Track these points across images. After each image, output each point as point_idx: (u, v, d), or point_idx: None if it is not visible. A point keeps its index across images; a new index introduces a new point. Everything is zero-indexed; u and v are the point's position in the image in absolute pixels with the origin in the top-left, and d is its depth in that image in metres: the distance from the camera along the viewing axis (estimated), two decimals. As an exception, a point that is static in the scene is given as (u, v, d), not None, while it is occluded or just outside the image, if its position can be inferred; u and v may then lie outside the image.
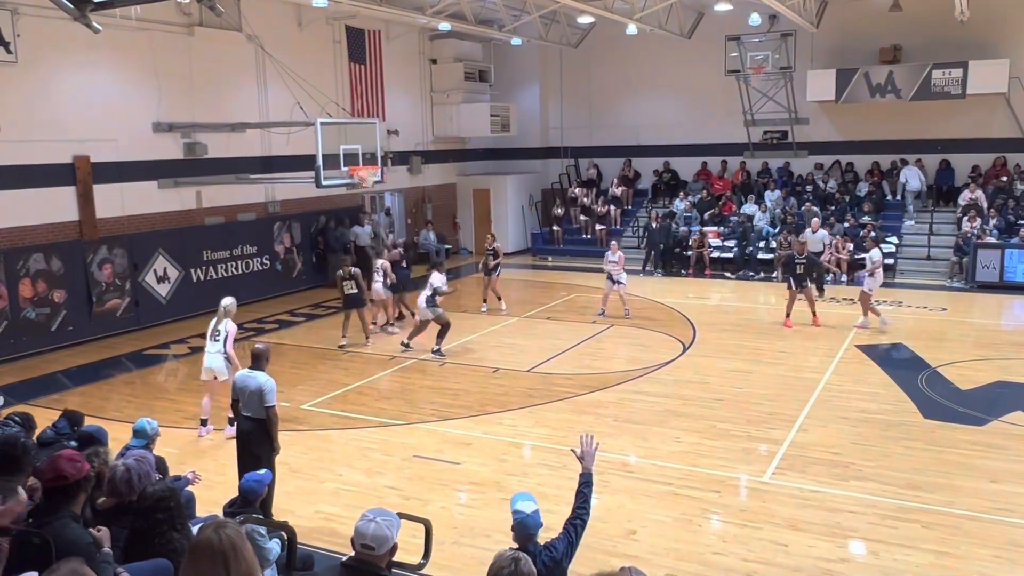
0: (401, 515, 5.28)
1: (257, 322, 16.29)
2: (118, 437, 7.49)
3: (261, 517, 5.55)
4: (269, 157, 18.23)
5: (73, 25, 11.81)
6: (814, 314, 15.00)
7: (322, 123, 15.16)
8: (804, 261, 14.88)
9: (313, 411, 10.86)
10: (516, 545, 4.43)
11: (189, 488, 6.37)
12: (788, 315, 15.02)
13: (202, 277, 17.05)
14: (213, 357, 9.94)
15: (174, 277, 16.50)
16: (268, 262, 18.63)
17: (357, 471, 8.85)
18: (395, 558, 5.03)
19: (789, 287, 15.03)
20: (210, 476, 7.70)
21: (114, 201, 15.32)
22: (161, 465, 6.33)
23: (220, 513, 5.89)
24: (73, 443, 6.38)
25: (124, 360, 13.89)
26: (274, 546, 5.48)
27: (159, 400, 11.52)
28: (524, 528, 4.51)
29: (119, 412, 10.85)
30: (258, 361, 7.77)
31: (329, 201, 19.81)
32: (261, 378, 7.56)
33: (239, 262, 17.90)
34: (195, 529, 4.15)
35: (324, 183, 15.30)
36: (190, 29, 16.41)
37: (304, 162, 16.45)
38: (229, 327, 9.99)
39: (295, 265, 19.42)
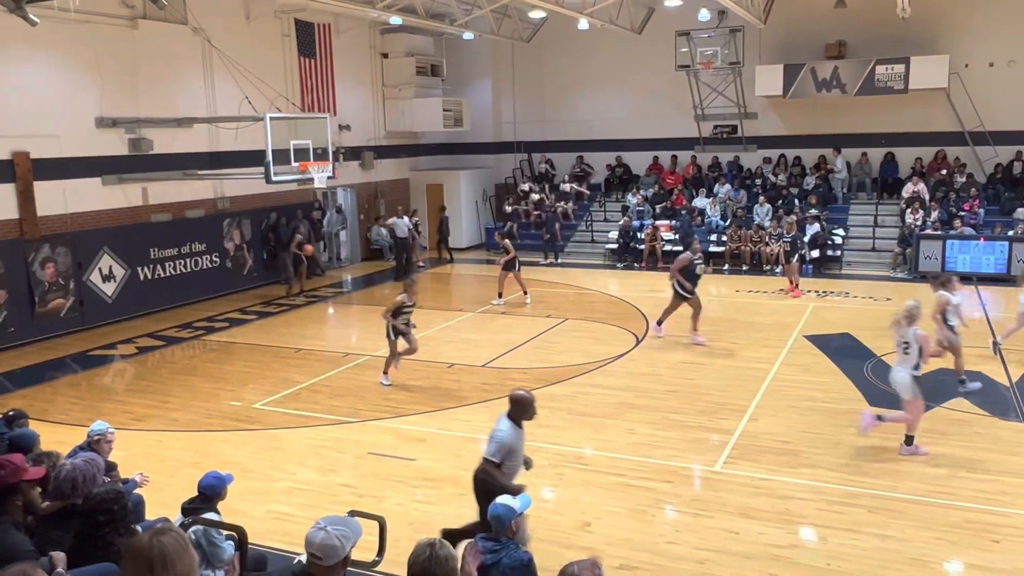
0: (355, 513, 5.27)
1: (207, 320, 16.03)
2: (63, 440, 7.34)
3: (212, 518, 5.47)
4: (217, 153, 17.90)
5: (10, 18, 11.48)
6: (791, 285, 17.42)
7: (271, 118, 14.98)
8: (790, 240, 17.80)
9: (265, 410, 10.73)
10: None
11: (138, 491, 6.26)
12: (794, 285, 17.44)
13: (149, 276, 16.70)
14: (897, 370, 8.73)
15: (120, 276, 16.14)
16: (218, 259, 18.31)
17: (310, 469, 8.77)
18: (351, 556, 5.04)
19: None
20: (160, 479, 7.56)
21: (56, 198, 14.91)
22: (111, 469, 6.23)
23: (176, 510, 5.80)
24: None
25: (69, 361, 13.55)
26: (229, 547, 5.42)
27: (106, 402, 11.27)
28: (498, 521, 4.69)
29: (64, 415, 10.61)
30: (513, 407, 6.42)
31: (280, 197, 19.53)
32: (499, 425, 6.36)
33: (188, 260, 17.56)
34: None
35: (274, 179, 15.13)
36: (133, 22, 16.03)
37: (253, 158, 16.23)
38: (917, 334, 8.56)
39: (245, 262, 19.12)
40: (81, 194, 15.39)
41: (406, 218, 20.93)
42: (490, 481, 6.15)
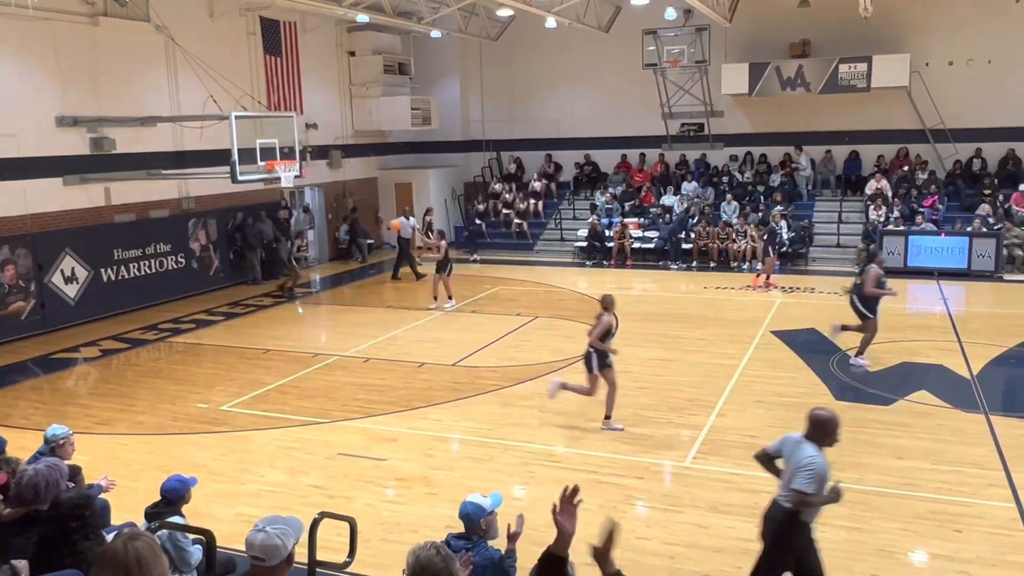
0: (325, 514, 5.24)
1: (173, 322, 15.81)
2: (26, 446, 7.19)
3: (180, 522, 5.41)
4: (181, 152, 17.65)
5: (-34, 14, 11.25)
6: (765, 278, 17.91)
7: (237, 117, 14.79)
8: (764, 236, 18.57)
9: (233, 412, 10.61)
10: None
11: (103, 495, 6.16)
12: (758, 276, 18.27)
13: (113, 277, 16.43)
14: None
15: (83, 277, 15.85)
16: (183, 260, 18.07)
17: (279, 471, 8.69)
18: (321, 557, 5.01)
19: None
20: (125, 483, 7.44)
21: (16, 199, 14.60)
22: (76, 473, 6.12)
23: (141, 515, 5.72)
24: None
25: (31, 365, 13.28)
26: (196, 551, 5.36)
27: (70, 406, 11.07)
28: (468, 520, 4.73)
29: (27, 420, 10.41)
30: (815, 430, 5.52)
31: (246, 197, 19.32)
32: (806, 452, 5.44)
33: (152, 261, 17.31)
34: (109, 538, 4.01)
35: (240, 178, 14.95)
36: (94, 19, 15.73)
37: (219, 157, 16.01)
38: None
39: (211, 263, 18.90)
40: (42, 194, 15.09)
41: (412, 219, 20.72)
42: (794, 522, 5.35)
